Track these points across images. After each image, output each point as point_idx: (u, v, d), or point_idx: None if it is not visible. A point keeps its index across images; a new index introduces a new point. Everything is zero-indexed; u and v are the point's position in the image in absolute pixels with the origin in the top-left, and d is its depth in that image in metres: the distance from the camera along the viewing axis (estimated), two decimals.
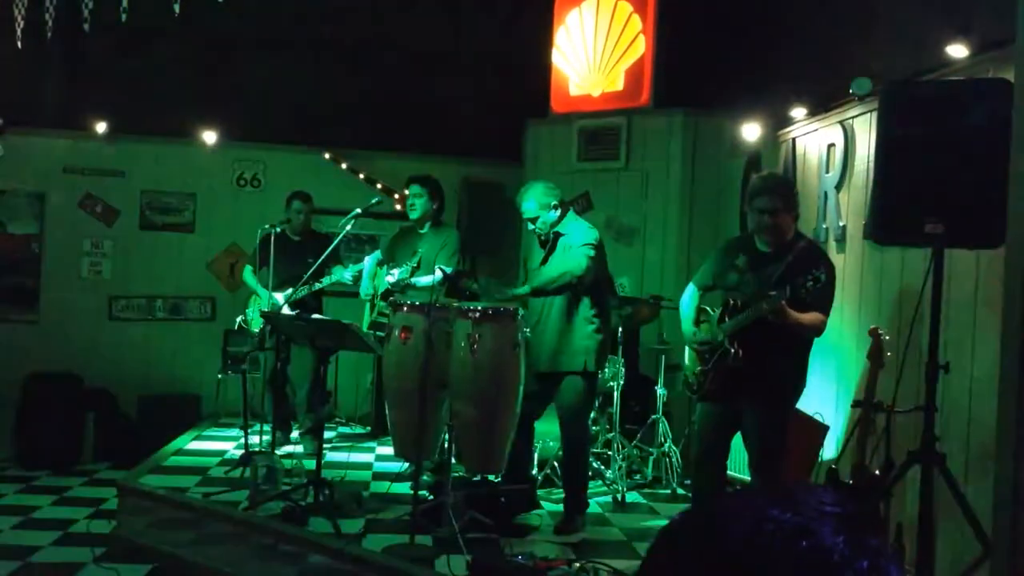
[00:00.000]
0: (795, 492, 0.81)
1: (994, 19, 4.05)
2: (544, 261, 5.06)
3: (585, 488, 5.25)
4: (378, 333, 5.73)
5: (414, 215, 6.04)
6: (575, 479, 5.18)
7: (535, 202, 4.97)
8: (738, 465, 5.43)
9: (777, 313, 4.10)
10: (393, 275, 5.65)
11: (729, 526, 0.79)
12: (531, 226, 5.05)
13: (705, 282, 4.72)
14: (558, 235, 5.05)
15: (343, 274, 6.49)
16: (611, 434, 5.98)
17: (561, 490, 5.35)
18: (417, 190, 6.01)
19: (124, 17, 5.08)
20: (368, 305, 6.23)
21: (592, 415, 6.10)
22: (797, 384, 4.45)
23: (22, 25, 5.63)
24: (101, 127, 8.05)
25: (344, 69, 8.30)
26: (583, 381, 5.02)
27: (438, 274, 5.28)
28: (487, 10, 8.06)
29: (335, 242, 6.11)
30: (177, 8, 4.89)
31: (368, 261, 6.40)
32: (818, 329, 4.28)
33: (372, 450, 6.97)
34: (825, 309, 4.24)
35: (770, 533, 0.76)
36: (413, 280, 5.68)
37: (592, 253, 4.92)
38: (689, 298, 4.74)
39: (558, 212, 5.03)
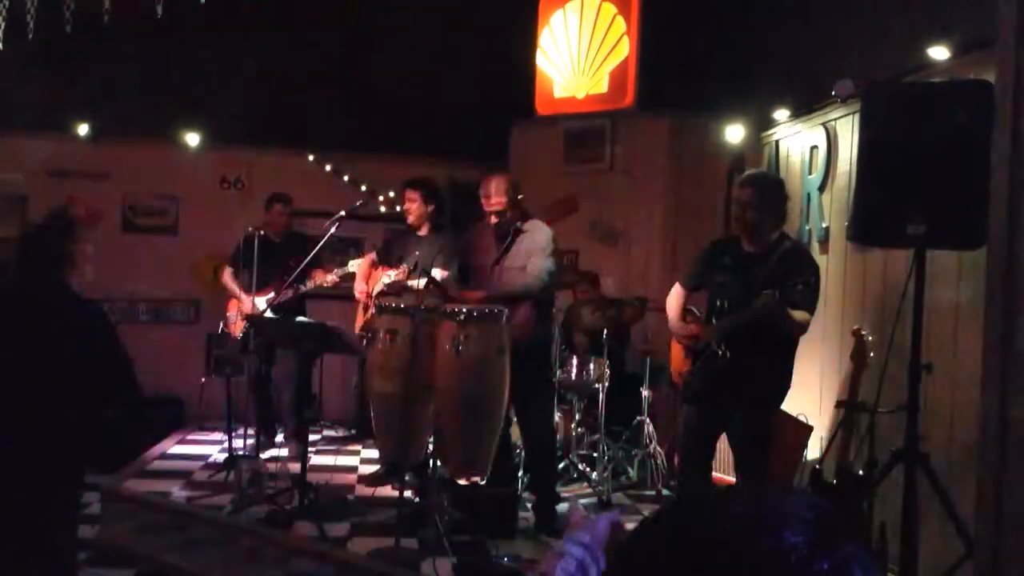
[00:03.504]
0: (763, 493, 0.81)
1: (975, 21, 4.07)
2: (502, 254, 5.08)
3: (555, 480, 5.38)
4: (366, 335, 5.72)
5: (410, 218, 5.98)
6: (548, 474, 5.22)
7: (506, 196, 5.00)
8: (723, 466, 5.45)
9: (772, 310, 4.12)
10: (389, 276, 5.60)
11: (689, 523, 0.79)
12: (494, 219, 5.07)
13: (691, 283, 4.74)
14: (518, 231, 5.08)
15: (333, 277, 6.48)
16: (596, 435, 5.98)
17: None
18: (412, 194, 5.95)
19: (107, 18, 5.05)
20: (362, 307, 6.19)
21: (577, 416, 6.13)
22: (783, 385, 4.48)
23: (3, 26, 5.59)
24: (83, 129, 8.01)
25: (328, 71, 8.27)
26: (543, 378, 5.13)
27: (424, 278, 5.27)
28: (472, 12, 8.06)
29: (320, 244, 6.08)
30: (160, 9, 4.86)
31: (361, 265, 6.34)
32: (804, 328, 4.31)
33: (357, 453, 6.95)
34: (812, 309, 4.28)
35: (728, 531, 0.76)
36: (409, 283, 5.62)
37: (553, 269, 5.05)
38: (675, 298, 4.75)
39: (519, 208, 5.11)
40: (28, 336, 3.38)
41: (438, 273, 5.49)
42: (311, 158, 8.37)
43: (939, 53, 4.34)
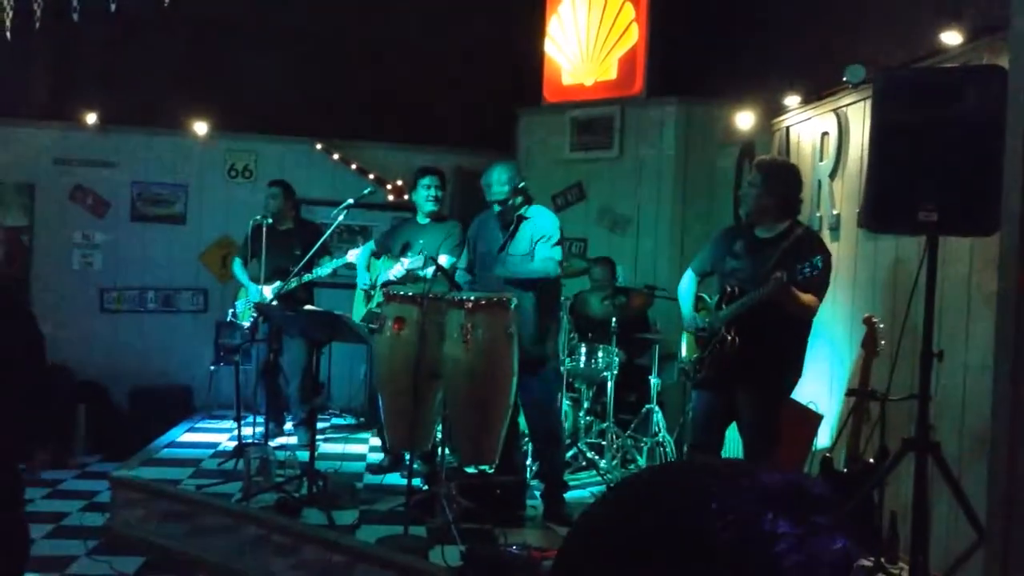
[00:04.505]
0: (729, 464, 0.80)
1: (988, 5, 4.03)
2: (506, 242, 5.07)
3: (563, 469, 5.37)
4: (371, 325, 5.70)
5: (434, 206, 5.85)
6: (557, 462, 5.23)
7: (508, 185, 4.99)
8: (733, 455, 5.43)
9: (780, 293, 4.10)
10: (403, 264, 5.55)
11: (646, 491, 0.79)
12: (497, 207, 5.06)
13: (703, 268, 4.73)
14: (521, 218, 5.07)
15: (327, 268, 6.45)
16: (605, 424, 5.97)
17: None
18: (437, 180, 5.89)
19: (114, 7, 5.03)
20: (363, 296, 6.18)
21: (586, 404, 6.12)
22: (793, 371, 4.45)
23: (11, 15, 5.58)
24: (91, 118, 8.01)
25: (336, 60, 8.25)
26: (548, 368, 5.13)
27: (433, 267, 5.25)
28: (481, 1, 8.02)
29: (327, 233, 6.06)
30: None
31: (361, 252, 6.33)
32: (812, 311, 4.30)
33: (365, 441, 6.96)
34: (820, 294, 4.27)
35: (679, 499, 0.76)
36: (423, 271, 5.55)
37: (560, 257, 5.04)
38: (687, 284, 4.74)
39: (523, 196, 5.09)
40: None
41: (444, 261, 5.47)
42: (319, 146, 8.35)
43: (951, 38, 4.29)
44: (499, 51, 7.87)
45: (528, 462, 5.57)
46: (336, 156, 8.37)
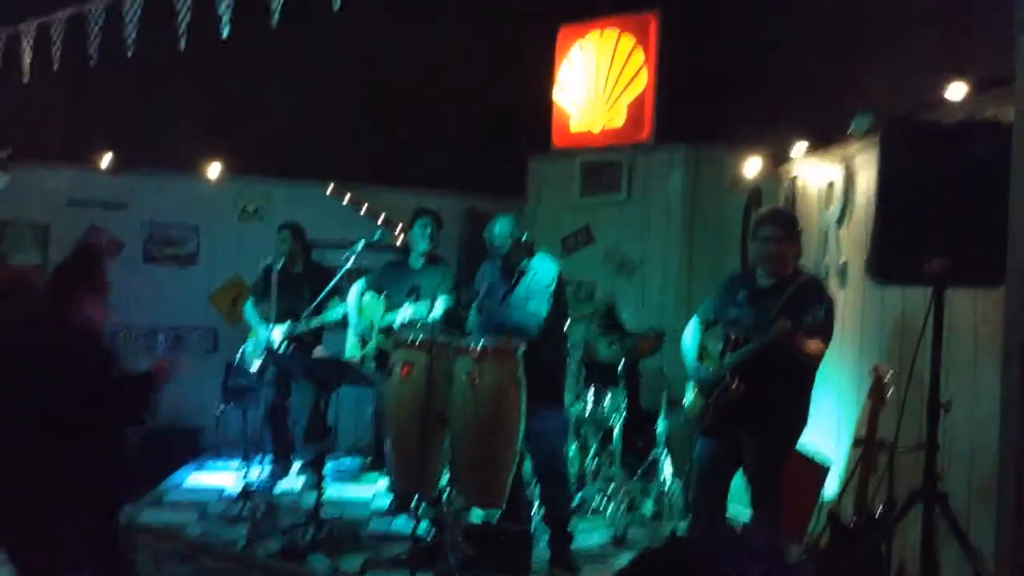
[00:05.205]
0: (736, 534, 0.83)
1: (994, 58, 4.07)
2: (508, 293, 5.11)
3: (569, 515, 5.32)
4: (365, 366, 5.75)
5: (426, 247, 6.01)
6: (561, 505, 5.20)
7: (511, 238, 5.07)
8: (739, 503, 5.40)
9: (786, 339, 4.12)
10: (406, 313, 5.60)
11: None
12: (500, 262, 5.13)
13: (708, 317, 4.75)
14: (522, 271, 5.13)
15: (338, 312, 6.48)
16: (612, 469, 5.94)
17: None
18: (433, 222, 6.03)
19: (130, 53, 5.12)
20: (357, 339, 6.18)
21: (593, 448, 6.10)
22: (797, 418, 4.46)
23: (29, 59, 5.68)
24: (106, 160, 8.10)
25: (347, 103, 8.34)
26: (555, 410, 5.12)
27: (439, 310, 5.30)
28: (490, 45, 8.12)
29: (337, 276, 6.10)
30: (183, 44, 4.93)
31: (353, 293, 6.36)
32: (819, 358, 4.31)
33: (372, 484, 6.93)
34: (826, 340, 4.29)
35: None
36: (430, 317, 5.59)
37: (545, 313, 4.99)
38: (692, 333, 4.76)
39: (525, 247, 5.16)
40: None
41: (440, 304, 5.53)
42: (330, 189, 8.41)
43: (957, 90, 4.33)
44: (510, 96, 7.95)
45: (533, 511, 5.55)
46: (347, 198, 8.43)
